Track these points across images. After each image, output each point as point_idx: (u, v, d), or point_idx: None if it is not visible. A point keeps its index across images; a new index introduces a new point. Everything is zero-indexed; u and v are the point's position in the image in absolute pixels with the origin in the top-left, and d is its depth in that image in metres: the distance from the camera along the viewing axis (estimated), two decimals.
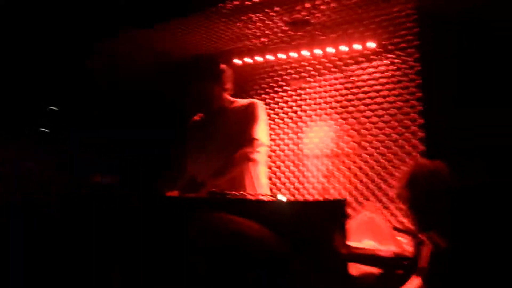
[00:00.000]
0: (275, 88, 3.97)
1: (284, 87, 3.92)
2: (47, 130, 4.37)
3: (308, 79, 3.78)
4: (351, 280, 2.41)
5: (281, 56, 3.85)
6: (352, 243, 2.66)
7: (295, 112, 3.85)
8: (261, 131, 3.05)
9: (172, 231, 2.29)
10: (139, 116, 4.19)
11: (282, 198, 2.36)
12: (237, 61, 4.02)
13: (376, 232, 2.72)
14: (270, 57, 3.91)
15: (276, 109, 3.94)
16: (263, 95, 3.98)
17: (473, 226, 2.04)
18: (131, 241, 2.28)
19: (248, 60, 4.01)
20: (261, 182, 3.10)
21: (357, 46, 3.49)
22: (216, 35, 3.73)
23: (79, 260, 2.33)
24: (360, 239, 2.74)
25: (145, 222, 2.32)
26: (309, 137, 3.75)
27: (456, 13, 2.90)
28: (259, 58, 3.97)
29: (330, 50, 3.61)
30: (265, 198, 2.82)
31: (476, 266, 1.91)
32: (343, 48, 3.54)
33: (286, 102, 3.90)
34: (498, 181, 2.50)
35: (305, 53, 3.73)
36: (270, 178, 3.77)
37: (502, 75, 2.78)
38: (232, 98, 3.22)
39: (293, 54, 3.80)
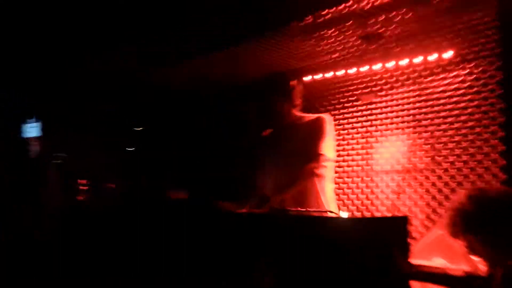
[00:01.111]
0: (345, 104, 3.87)
1: (354, 102, 3.81)
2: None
3: (379, 93, 3.65)
4: None
5: (352, 71, 3.78)
6: (422, 261, 2.53)
7: (365, 127, 3.72)
8: (328, 146, 3.00)
9: (231, 247, 2.34)
10: (213, 134, 4.33)
11: (344, 214, 2.30)
12: (307, 78, 4.00)
13: (447, 250, 2.55)
14: (341, 72, 3.85)
15: (345, 125, 3.84)
16: (332, 111, 3.88)
17: None
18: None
19: (318, 76, 3.97)
20: (327, 198, 3.05)
21: (432, 57, 3.35)
22: (289, 53, 3.74)
23: None
24: (430, 258, 2.58)
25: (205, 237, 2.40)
26: (379, 153, 3.60)
27: None
28: (329, 74, 3.91)
29: (404, 62, 3.49)
30: (327, 215, 2.78)
31: None
32: (418, 59, 3.41)
33: (355, 117, 3.79)
34: None
35: (377, 66, 3.63)
36: (338, 195, 3.67)
37: None
38: (301, 114, 3.23)
39: (364, 68, 3.71)
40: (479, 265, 2.39)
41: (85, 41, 3.79)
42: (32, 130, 4.80)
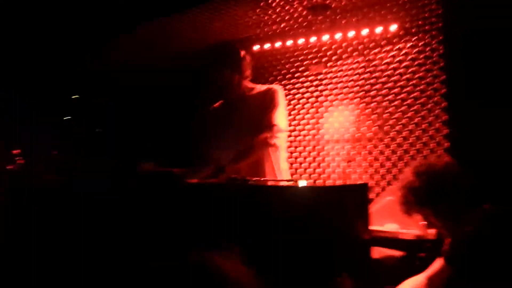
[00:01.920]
0: (295, 74, 3.92)
1: (304, 73, 3.87)
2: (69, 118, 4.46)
3: (328, 64, 3.72)
4: (373, 263, 2.40)
5: (301, 41, 3.81)
6: (374, 227, 2.64)
7: (315, 97, 3.80)
8: (280, 116, 3.04)
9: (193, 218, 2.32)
10: (160, 105, 4.23)
11: (303, 183, 2.33)
12: (256, 47, 3.99)
13: (398, 215, 2.69)
14: (289, 42, 3.87)
15: (296, 95, 3.90)
16: (282, 81, 3.94)
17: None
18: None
19: (267, 46, 3.98)
20: (281, 167, 3.10)
21: (378, 30, 3.44)
22: (235, 22, 3.71)
23: None
24: (382, 223, 2.71)
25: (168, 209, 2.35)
26: (329, 122, 3.71)
27: None
28: (278, 44, 3.93)
29: (351, 34, 3.56)
30: (286, 184, 2.82)
31: (499, 248, 1.88)
32: (364, 31, 3.49)
33: (306, 87, 3.85)
34: None
35: (325, 37, 3.68)
36: (290, 164, 3.76)
37: None
38: (251, 85, 3.22)
39: (313, 39, 3.75)
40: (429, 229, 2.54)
41: None
42: None
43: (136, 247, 2.30)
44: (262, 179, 2.72)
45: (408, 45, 3.32)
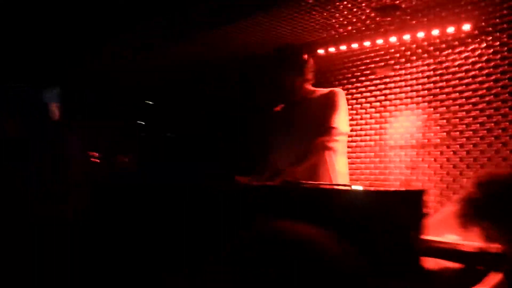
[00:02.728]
0: (359, 78, 3.80)
1: (369, 76, 3.73)
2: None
3: (396, 67, 3.57)
4: (426, 273, 2.27)
5: (367, 43, 3.69)
6: (434, 237, 2.51)
7: (379, 101, 3.65)
8: (340, 119, 2.97)
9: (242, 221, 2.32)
10: (223, 107, 4.30)
11: (357, 188, 2.27)
12: (321, 51, 3.92)
13: (460, 227, 2.52)
14: (355, 45, 3.76)
15: (359, 99, 3.77)
16: (346, 85, 3.83)
17: None
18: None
19: (332, 49, 3.89)
20: (339, 171, 3.02)
21: (450, 30, 3.25)
22: (302, 25, 3.66)
23: None
24: (443, 234, 2.56)
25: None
26: (393, 127, 3.54)
27: None
28: (343, 47, 3.83)
29: (421, 35, 3.40)
30: (339, 187, 2.75)
31: None
32: (435, 32, 3.31)
33: (370, 91, 3.72)
34: None
35: (393, 39, 3.54)
36: (351, 170, 3.60)
37: None
38: (313, 88, 3.19)
39: (380, 41, 3.61)
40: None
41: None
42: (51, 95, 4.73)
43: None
44: (316, 182, 2.68)
45: (483, 45, 3.10)
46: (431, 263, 2.32)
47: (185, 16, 3.60)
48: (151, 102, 4.60)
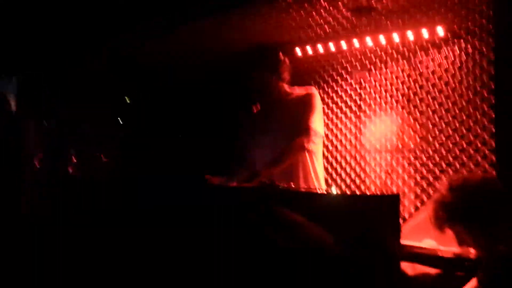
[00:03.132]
0: (336, 78, 3.81)
1: (345, 77, 3.75)
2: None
3: (371, 68, 3.60)
4: (405, 279, 2.29)
5: (343, 45, 3.70)
6: (411, 242, 2.53)
7: (356, 102, 3.68)
8: (318, 120, 2.97)
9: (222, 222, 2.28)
10: (198, 106, 4.23)
11: (333, 191, 2.26)
12: (298, 51, 3.90)
13: (437, 231, 2.55)
14: (332, 46, 3.76)
15: (335, 100, 3.79)
16: (323, 85, 3.84)
17: None
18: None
19: (309, 49, 3.88)
20: (316, 172, 3.03)
21: (425, 32, 3.28)
22: (278, 24, 3.63)
23: None
24: (420, 238, 2.58)
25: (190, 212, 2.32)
26: (369, 130, 3.57)
27: None
28: (320, 48, 3.82)
29: (396, 37, 3.42)
30: (316, 191, 2.75)
31: None
32: (410, 34, 3.34)
33: (346, 92, 3.74)
34: None
35: (369, 41, 3.55)
36: (326, 170, 3.66)
37: None
38: (289, 88, 3.17)
39: (355, 43, 3.63)
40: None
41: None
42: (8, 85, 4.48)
43: None
44: (292, 184, 2.67)
45: (455, 49, 3.15)
46: (409, 268, 2.34)
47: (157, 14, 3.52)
48: (128, 100, 4.49)
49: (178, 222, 2.29)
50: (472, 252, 2.27)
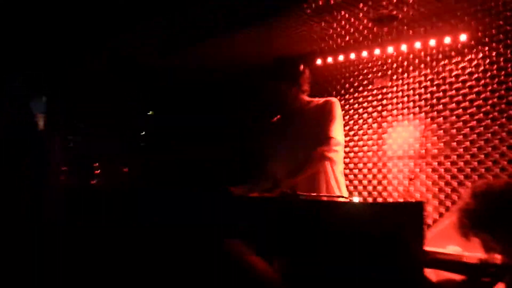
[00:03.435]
0: (357, 88, 3.81)
1: (367, 87, 3.75)
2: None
3: (393, 77, 3.58)
4: (430, 285, 2.26)
5: (365, 54, 3.70)
6: (436, 248, 2.50)
7: (377, 111, 3.67)
8: (338, 129, 2.97)
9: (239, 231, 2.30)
10: (221, 118, 4.28)
11: (355, 199, 2.25)
12: (319, 61, 3.93)
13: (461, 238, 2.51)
14: (353, 55, 3.77)
15: (357, 110, 3.79)
16: (345, 95, 3.85)
17: None
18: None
19: (330, 60, 3.90)
20: (338, 181, 3.02)
21: (447, 40, 3.27)
22: (299, 36, 3.67)
23: None
24: (444, 245, 2.54)
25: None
26: (392, 138, 3.55)
27: None
28: (341, 58, 3.84)
29: (418, 45, 3.41)
30: (338, 200, 2.74)
31: None
32: (432, 42, 3.33)
33: (368, 101, 3.73)
34: None
35: (390, 50, 3.55)
36: (349, 180, 3.65)
37: None
38: (309, 99, 3.19)
39: (377, 52, 3.63)
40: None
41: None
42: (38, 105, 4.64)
43: None
44: (314, 194, 2.67)
45: (480, 55, 3.12)
46: (433, 275, 2.31)
47: (180, 27, 3.59)
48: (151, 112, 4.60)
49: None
50: (498, 258, 2.23)
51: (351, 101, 3.83)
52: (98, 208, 2.69)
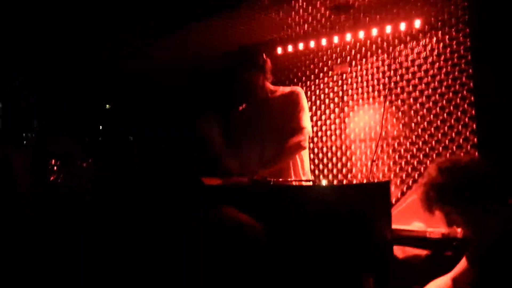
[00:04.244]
0: (319, 75, 3.89)
1: (328, 73, 3.83)
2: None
3: (352, 63, 3.68)
4: (398, 262, 2.35)
5: (324, 41, 3.78)
6: (400, 225, 2.59)
7: (339, 97, 3.77)
8: (307, 119, 3.04)
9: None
10: (184, 109, 4.27)
11: (323, 183, 2.32)
12: (279, 50, 3.99)
13: (424, 214, 2.63)
14: (312, 43, 3.84)
15: (319, 95, 3.88)
16: (307, 82, 3.93)
17: None
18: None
19: (290, 48, 3.96)
20: (303, 166, 3.09)
21: (402, 26, 3.38)
22: (258, 25, 3.70)
23: None
24: (408, 222, 2.66)
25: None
26: (353, 121, 3.66)
27: None
28: (301, 46, 3.91)
29: (375, 32, 3.52)
30: (308, 184, 2.81)
31: None
32: (388, 29, 3.44)
33: (329, 87, 3.82)
34: None
35: (348, 37, 3.64)
36: (316, 165, 3.76)
37: None
38: (274, 87, 3.22)
39: (336, 39, 3.72)
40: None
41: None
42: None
43: None
44: (282, 179, 2.72)
45: (434, 40, 3.25)
46: (400, 251, 2.41)
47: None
48: (108, 106, 4.53)
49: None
50: (459, 231, 2.34)
51: (313, 88, 3.91)
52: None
